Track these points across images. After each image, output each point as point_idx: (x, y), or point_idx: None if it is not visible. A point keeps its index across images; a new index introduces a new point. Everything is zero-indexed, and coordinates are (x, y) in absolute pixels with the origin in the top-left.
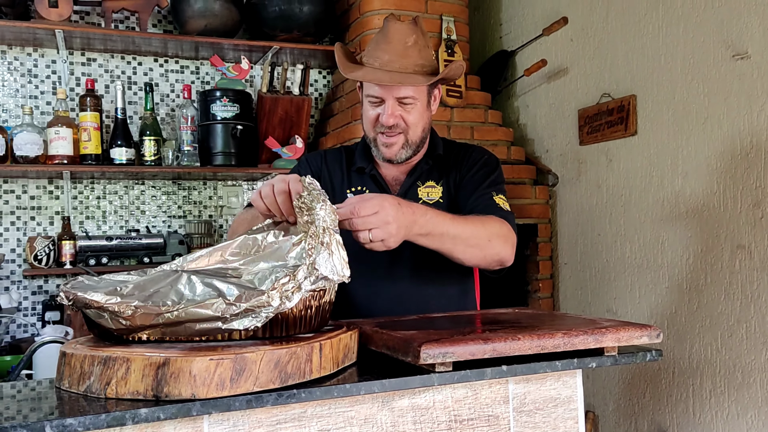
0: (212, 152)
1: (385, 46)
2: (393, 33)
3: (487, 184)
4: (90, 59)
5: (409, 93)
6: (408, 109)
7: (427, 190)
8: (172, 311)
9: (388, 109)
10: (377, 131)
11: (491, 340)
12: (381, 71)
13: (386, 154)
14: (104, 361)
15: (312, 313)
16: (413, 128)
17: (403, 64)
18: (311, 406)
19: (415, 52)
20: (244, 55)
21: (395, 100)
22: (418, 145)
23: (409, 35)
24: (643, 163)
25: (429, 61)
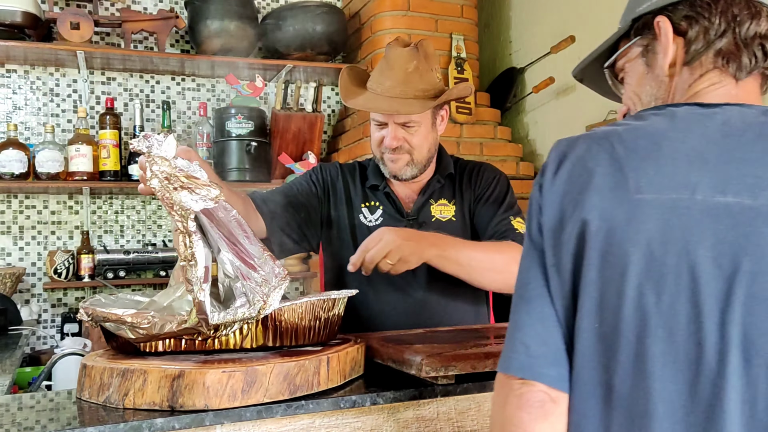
0: (227, 168)
1: (388, 73)
2: (394, 59)
3: (504, 207)
4: (110, 78)
5: (410, 117)
6: (411, 132)
7: (440, 209)
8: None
9: (391, 132)
10: (382, 152)
11: (493, 354)
12: (382, 97)
13: (392, 169)
14: (122, 373)
15: (321, 324)
16: (418, 149)
17: (404, 90)
18: (319, 417)
19: (416, 77)
20: (259, 74)
21: (397, 124)
22: (424, 165)
23: (410, 61)
24: None
25: (432, 85)
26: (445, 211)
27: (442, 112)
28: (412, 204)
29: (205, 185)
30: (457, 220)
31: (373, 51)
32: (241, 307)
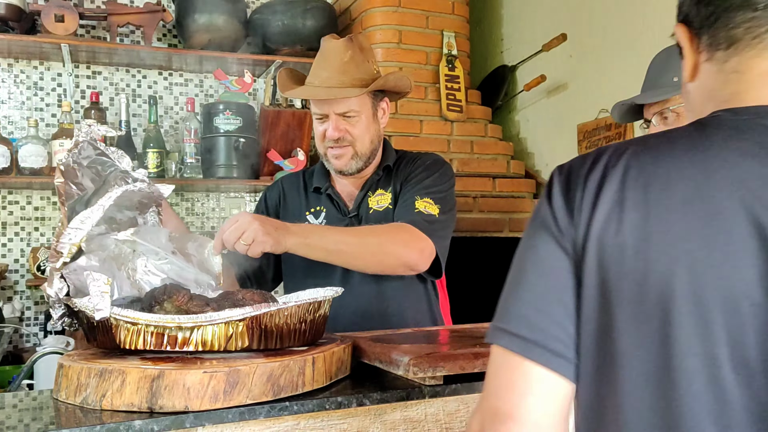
0: (215, 164)
1: (323, 64)
2: (329, 51)
3: (416, 189)
4: (95, 72)
5: (350, 107)
6: (352, 122)
7: (377, 199)
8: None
9: (332, 123)
10: (326, 146)
11: (481, 354)
12: (319, 88)
13: (336, 166)
14: (100, 373)
15: (306, 326)
16: (360, 140)
17: (340, 80)
18: (304, 418)
19: (352, 67)
20: (247, 69)
21: (337, 115)
22: (368, 157)
23: (345, 51)
24: None
25: (369, 75)
26: (382, 200)
27: (383, 105)
28: (353, 201)
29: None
30: (393, 208)
31: None
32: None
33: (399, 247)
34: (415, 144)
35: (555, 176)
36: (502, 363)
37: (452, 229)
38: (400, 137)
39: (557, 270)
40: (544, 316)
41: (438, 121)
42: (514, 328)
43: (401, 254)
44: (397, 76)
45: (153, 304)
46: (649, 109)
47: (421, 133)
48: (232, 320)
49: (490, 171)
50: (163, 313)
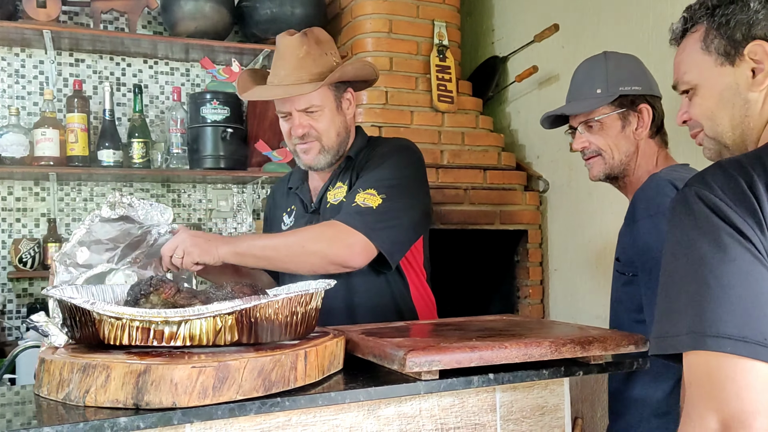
0: (202, 155)
1: (279, 63)
2: (284, 49)
3: (363, 181)
4: (78, 60)
5: (311, 102)
6: (315, 117)
7: (334, 192)
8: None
9: (295, 120)
10: (294, 143)
11: (478, 348)
12: (278, 87)
13: (305, 161)
14: (83, 369)
15: (298, 319)
16: (325, 134)
17: (298, 76)
18: (296, 414)
19: (309, 62)
20: (235, 58)
21: (299, 111)
22: (337, 150)
23: (300, 47)
24: None
25: (328, 68)
26: (338, 194)
27: (348, 96)
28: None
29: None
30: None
31: (354, 36)
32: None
33: (323, 246)
34: (406, 135)
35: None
36: (729, 367)
37: (412, 216)
38: (390, 128)
39: (759, 279)
40: (761, 322)
41: (429, 112)
42: (738, 334)
43: (326, 253)
44: (356, 65)
45: (138, 297)
46: (576, 119)
47: (411, 124)
48: (221, 314)
49: (480, 163)
50: (149, 306)
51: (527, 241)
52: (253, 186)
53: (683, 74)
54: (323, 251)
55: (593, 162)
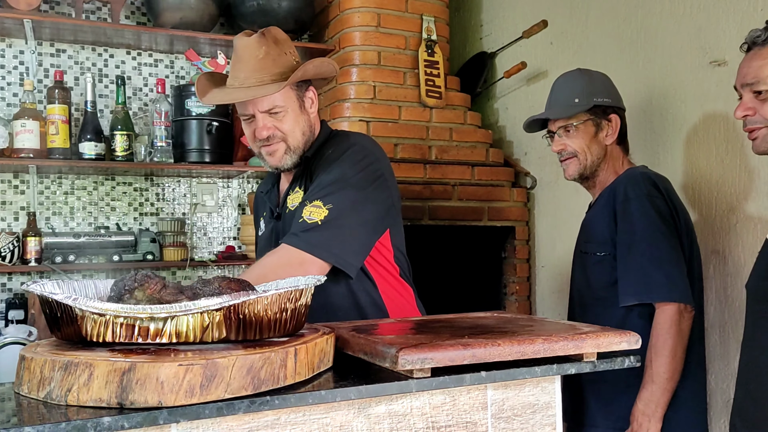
0: (186, 148)
1: (238, 65)
2: (242, 50)
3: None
4: (59, 50)
5: (273, 103)
6: (279, 117)
7: (293, 197)
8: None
9: (259, 122)
10: (258, 146)
11: (471, 345)
12: (239, 89)
13: (271, 163)
14: (65, 366)
15: (287, 316)
16: (291, 135)
17: (259, 78)
18: (285, 413)
19: (269, 62)
20: (221, 50)
21: (263, 113)
22: (303, 150)
23: (259, 48)
24: None
25: (288, 68)
26: (296, 199)
27: (310, 94)
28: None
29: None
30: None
31: (341, 30)
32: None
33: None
34: (393, 130)
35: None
36: None
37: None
38: (378, 123)
39: None
40: None
41: (417, 107)
42: None
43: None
44: (316, 63)
45: (123, 293)
46: (555, 124)
47: (399, 119)
48: (208, 310)
49: (469, 159)
50: (134, 302)
51: (514, 237)
52: (238, 180)
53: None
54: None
55: (569, 162)
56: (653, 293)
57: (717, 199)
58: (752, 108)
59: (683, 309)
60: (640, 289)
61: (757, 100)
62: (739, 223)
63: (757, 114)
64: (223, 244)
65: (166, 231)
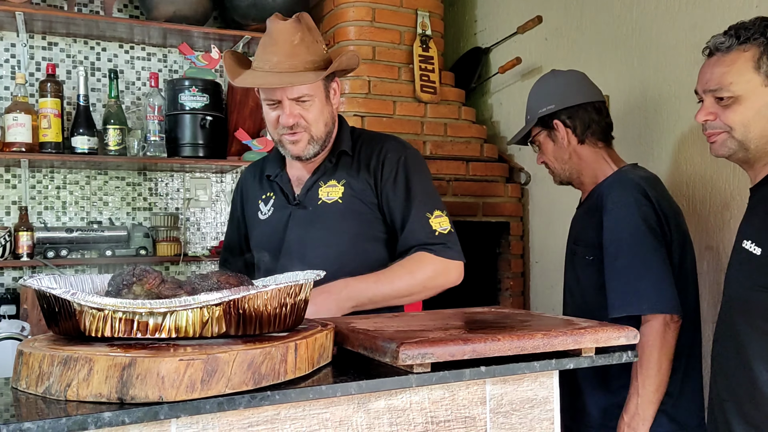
0: (180, 143)
1: (272, 48)
2: (278, 34)
3: (417, 200)
4: (51, 43)
5: (303, 91)
6: (306, 106)
7: (327, 190)
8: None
9: (286, 109)
10: (280, 133)
11: (471, 340)
12: (271, 74)
13: (294, 151)
14: (65, 361)
15: (287, 311)
16: (315, 125)
17: (292, 64)
18: (285, 408)
19: (302, 49)
20: (215, 44)
21: (291, 100)
22: (324, 140)
23: (294, 33)
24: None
25: (320, 56)
26: (333, 192)
27: (334, 85)
28: (301, 186)
29: None
30: (343, 202)
31: (336, 24)
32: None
33: (439, 281)
34: (388, 125)
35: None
36: None
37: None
38: (372, 118)
39: None
40: None
41: (411, 102)
42: None
43: (443, 283)
44: (348, 56)
45: (121, 288)
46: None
47: (394, 114)
48: (208, 305)
49: (463, 154)
50: (132, 297)
51: (509, 233)
52: (232, 175)
53: (729, 84)
54: (438, 285)
55: (552, 173)
56: (639, 305)
57: (711, 195)
58: (713, 113)
59: (669, 320)
60: (627, 302)
61: (718, 106)
62: (732, 219)
63: (718, 119)
64: (216, 239)
65: (160, 226)
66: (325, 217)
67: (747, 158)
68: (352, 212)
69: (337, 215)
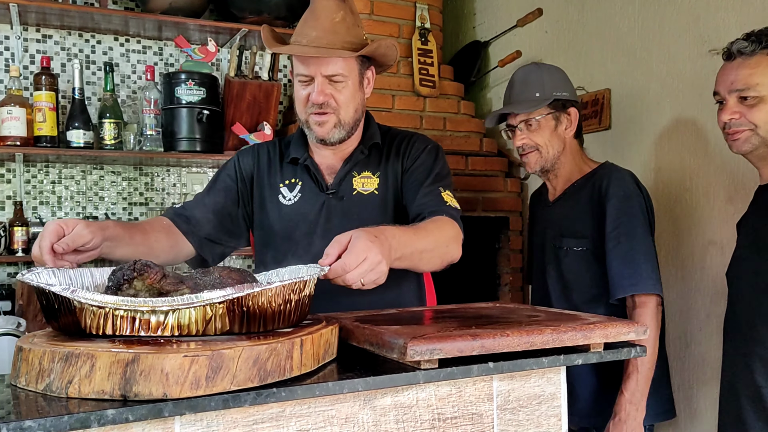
0: (176, 137)
1: (312, 23)
2: (320, 9)
3: (432, 178)
4: (45, 36)
5: (338, 70)
6: (338, 87)
7: (362, 181)
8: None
9: (318, 86)
10: (308, 112)
11: (479, 336)
12: (309, 47)
13: (319, 133)
14: (66, 358)
15: (291, 307)
16: (344, 108)
17: (331, 41)
18: (290, 405)
19: (343, 28)
20: (211, 37)
21: (324, 77)
22: (352, 127)
23: (337, 11)
24: (616, 158)
25: (359, 39)
26: (368, 183)
27: (369, 74)
28: (333, 176)
29: None
30: (379, 193)
31: None
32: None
33: (455, 245)
34: (387, 119)
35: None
36: None
37: None
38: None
39: None
40: None
41: (410, 96)
42: None
43: (455, 252)
44: (387, 43)
45: (121, 283)
46: (516, 118)
47: (393, 108)
48: (212, 303)
49: (463, 149)
50: (133, 291)
51: (508, 228)
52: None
53: (756, 84)
54: (453, 251)
55: (531, 156)
56: (644, 285)
57: (715, 189)
58: (738, 112)
59: (659, 301)
60: (633, 282)
61: (743, 106)
62: (737, 213)
63: (743, 117)
64: None
65: None
66: (362, 208)
67: (766, 154)
68: (389, 204)
69: (374, 207)
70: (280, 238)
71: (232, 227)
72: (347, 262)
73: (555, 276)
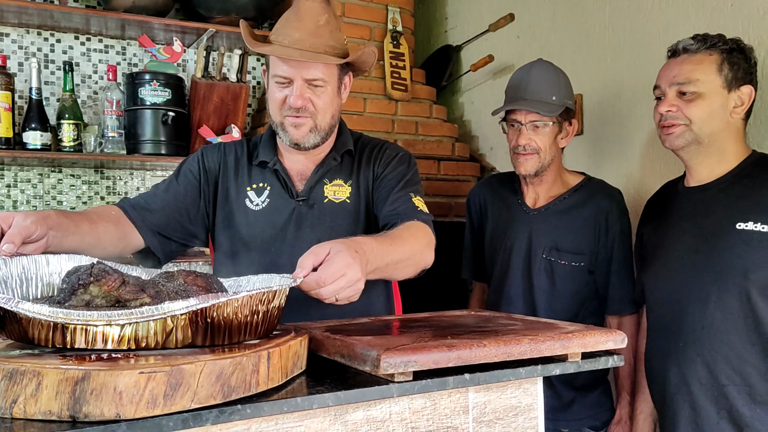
0: (140, 140)
1: (296, 24)
2: (305, 11)
3: (402, 184)
4: (2, 34)
5: (318, 75)
6: (318, 92)
7: (334, 189)
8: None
9: (297, 90)
10: (284, 114)
11: (455, 347)
12: (291, 49)
13: (294, 136)
14: (10, 375)
15: (259, 318)
16: (322, 113)
17: (314, 44)
18: (256, 422)
19: (326, 32)
20: (177, 37)
21: (304, 81)
22: (327, 132)
23: (321, 14)
24: (588, 163)
25: (341, 44)
26: (340, 192)
27: (346, 80)
28: (304, 182)
29: None
30: (351, 202)
31: None
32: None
33: (428, 251)
34: (359, 123)
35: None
36: None
37: None
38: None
39: None
40: None
41: (382, 99)
42: None
43: (428, 258)
44: (369, 51)
45: (76, 288)
46: (526, 116)
47: (364, 111)
48: (173, 314)
49: (435, 153)
50: (89, 297)
51: None
52: None
53: (696, 81)
54: (427, 257)
55: (529, 158)
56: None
57: None
58: (676, 105)
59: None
60: (634, 299)
61: (681, 100)
62: None
63: (679, 111)
64: None
65: None
66: (333, 217)
67: (697, 152)
68: (361, 213)
69: (346, 215)
70: (243, 244)
71: (188, 225)
72: (323, 277)
73: (546, 287)
